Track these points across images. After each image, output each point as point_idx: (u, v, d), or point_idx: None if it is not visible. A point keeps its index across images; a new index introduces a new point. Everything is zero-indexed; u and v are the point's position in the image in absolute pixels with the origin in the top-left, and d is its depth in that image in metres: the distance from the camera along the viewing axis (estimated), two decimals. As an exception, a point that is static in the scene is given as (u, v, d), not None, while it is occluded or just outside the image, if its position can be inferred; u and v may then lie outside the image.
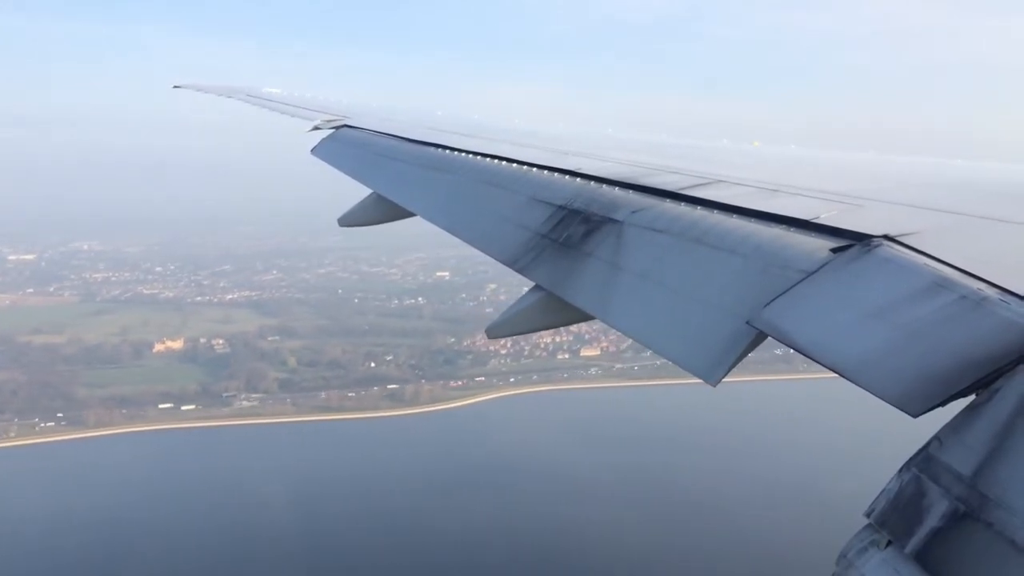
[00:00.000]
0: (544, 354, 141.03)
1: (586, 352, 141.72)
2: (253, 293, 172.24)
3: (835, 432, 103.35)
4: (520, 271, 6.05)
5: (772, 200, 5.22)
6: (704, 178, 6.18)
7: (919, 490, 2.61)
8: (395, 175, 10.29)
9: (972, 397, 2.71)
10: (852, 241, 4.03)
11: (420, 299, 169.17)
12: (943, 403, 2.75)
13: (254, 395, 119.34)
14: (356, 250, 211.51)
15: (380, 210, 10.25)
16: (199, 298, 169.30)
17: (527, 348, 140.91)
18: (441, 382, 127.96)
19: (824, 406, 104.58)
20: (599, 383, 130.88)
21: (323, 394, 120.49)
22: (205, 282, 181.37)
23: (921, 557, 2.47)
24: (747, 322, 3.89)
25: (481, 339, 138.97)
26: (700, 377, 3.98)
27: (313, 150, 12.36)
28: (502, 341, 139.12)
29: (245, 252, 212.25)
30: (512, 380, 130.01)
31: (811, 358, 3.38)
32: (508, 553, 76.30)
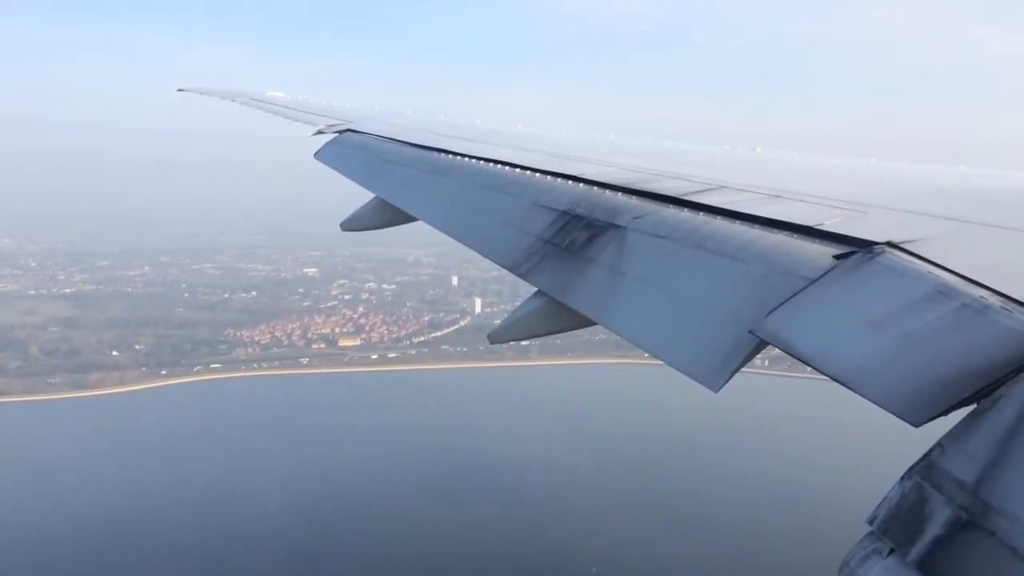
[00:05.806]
0: (302, 342, 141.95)
1: (345, 342, 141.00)
2: (94, 287, 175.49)
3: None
4: (523, 276, 6.03)
5: (775, 206, 5.20)
6: (707, 184, 6.17)
7: (921, 498, 2.60)
8: (398, 179, 10.27)
9: (974, 406, 2.70)
10: (855, 248, 4.02)
11: (254, 293, 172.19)
12: (945, 413, 2.74)
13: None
14: (256, 248, 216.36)
15: (382, 214, 10.20)
16: (33, 291, 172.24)
17: (292, 337, 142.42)
18: (152, 368, 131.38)
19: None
20: (324, 369, 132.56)
21: (3, 380, 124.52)
22: (61, 276, 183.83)
23: (923, 565, 2.46)
24: (750, 331, 3.88)
25: (255, 330, 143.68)
26: (702, 383, 3.96)
27: (316, 154, 12.35)
28: (274, 333, 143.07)
29: (142, 250, 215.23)
30: (242, 367, 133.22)
31: (813, 367, 3.37)
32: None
